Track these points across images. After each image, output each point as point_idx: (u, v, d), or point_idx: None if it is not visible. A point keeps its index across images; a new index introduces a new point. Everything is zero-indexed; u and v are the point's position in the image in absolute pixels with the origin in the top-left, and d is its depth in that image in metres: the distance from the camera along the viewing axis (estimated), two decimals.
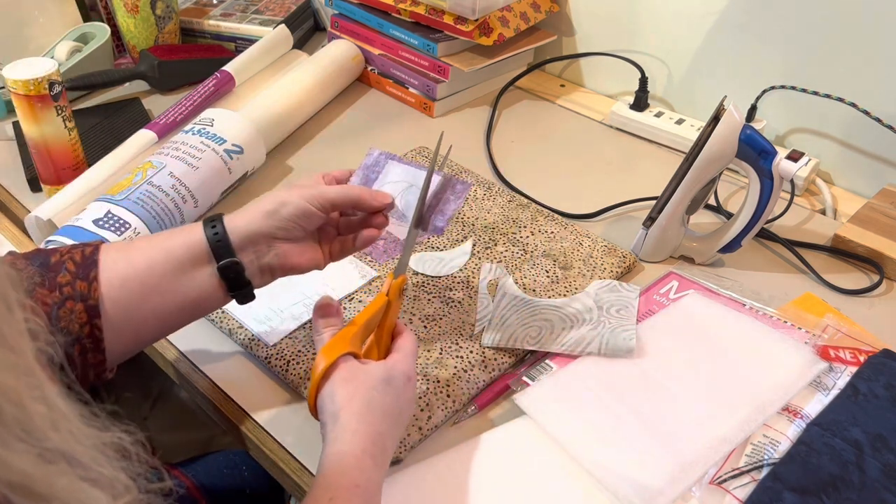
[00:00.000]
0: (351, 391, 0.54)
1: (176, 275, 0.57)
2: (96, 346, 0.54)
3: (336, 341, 0.56)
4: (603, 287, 0.77)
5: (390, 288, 0.60)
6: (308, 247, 0.62)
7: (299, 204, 0.59)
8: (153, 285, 0.56)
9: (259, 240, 0.59)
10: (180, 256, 0.57)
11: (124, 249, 0.57)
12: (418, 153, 0.97)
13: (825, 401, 0.66)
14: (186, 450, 1.20)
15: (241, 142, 0.88)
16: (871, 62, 0.91)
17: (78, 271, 0.54)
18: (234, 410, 0.67)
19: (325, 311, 0.59)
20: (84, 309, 0.53)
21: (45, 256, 0.55)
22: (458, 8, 1.02)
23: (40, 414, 0.32)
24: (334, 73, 1.09)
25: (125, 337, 0.56)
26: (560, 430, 0.63)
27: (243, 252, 0.59)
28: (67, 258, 0.55)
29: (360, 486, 0.50)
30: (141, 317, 0.57)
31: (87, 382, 0.56)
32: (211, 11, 1.24)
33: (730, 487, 0.59)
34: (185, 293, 0.58)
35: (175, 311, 0.59)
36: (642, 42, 1.11)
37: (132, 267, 0.56)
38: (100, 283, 0.54)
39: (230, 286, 0.59)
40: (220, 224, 0.58)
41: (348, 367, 0.55)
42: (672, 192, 0.78)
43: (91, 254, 0.55)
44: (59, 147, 0.84)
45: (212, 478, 0.82)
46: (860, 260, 0.84)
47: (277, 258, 0.60)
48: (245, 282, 0.60)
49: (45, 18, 1.11)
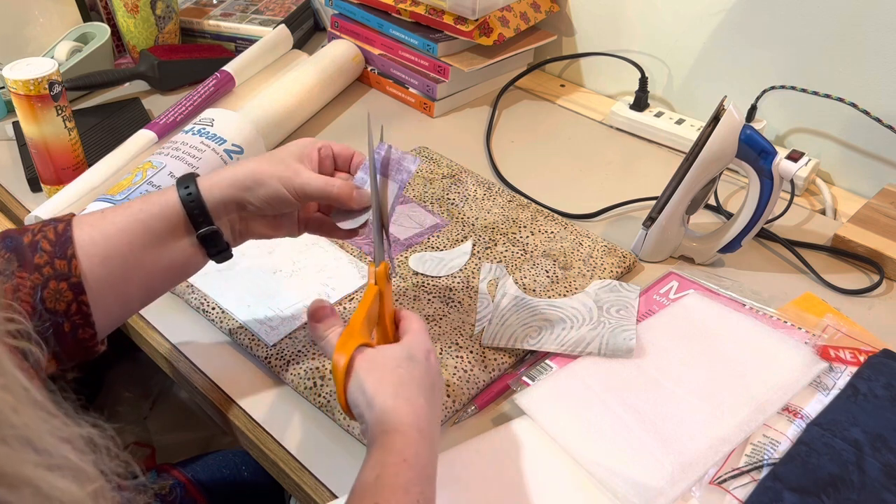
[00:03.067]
0: (378, 376, 0.52)
1: (156, 246, 0.57)
2: (85, 322, 0.54)
3: (346, 337, 0.55)
4: (603, 287, 0.77)
5: (376, 276, 0.58)
6: (282, 218, 0.62)
7: (275, 189, 0.58)
8: (135, 259, 0.56)
9: (232, 208, 0.59)
10: (158, 228, 0.57)
11: (99, 224, 0.56)
12: (418, 153, 0.97)
13: (825, 401, 0.66)
14: (186, 450, 1.20)
15: (241, 142, 0.88)
16: (871, 62, 0.91)
17: (55, 250, 0.53)
18: (233, 410, 0.67)
19: (321, 314, 0.57)
20: (68, 287, 0.53)
21: (16, 238, 0.54)
22: (458, 8, 1.02)
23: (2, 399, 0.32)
24: (334, 73, 1.09)
25: (112, 308, 0.56)
26: (560, 430, 0.63)
27: (218, 218, 0.59)
28: (41, 237, 0.54)
29: (408, 460, 0.48)
30: (126, 289, 0.57)
31: (79, 357, 0.56)
32: (211, 11, 1.24)
33: (730, 487, 0.59)
34: (166, 262, 0.58)
35: (158, 280, 0.59)
36: (642, 42, 1.11)
37: (111, 244, 0.55)
38: (79, 260, 0.54)
39: (209, 251, 0.60)
40: (193, 186, 0.57)
41: (367, 357, 0.53)
42: (672, 192, 0.78)
43: (64, 230, 0.54)
44: (59, 147, 0.84)
45: (211, 477, 0.82)
46: (860, 260, 0.84)
47: (248, 226, 0.61)
48: (223, 245, 0.60)
49: (45, 18, 1.11)
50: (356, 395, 0.52)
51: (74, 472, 0.33)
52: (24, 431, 0.32)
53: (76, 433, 0.35)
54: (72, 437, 0.34)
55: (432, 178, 0.93)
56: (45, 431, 0.33)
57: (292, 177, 0.58)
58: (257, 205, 0.59)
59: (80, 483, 0.33)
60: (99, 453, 0.36)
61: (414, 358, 0.54)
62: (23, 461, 0.31)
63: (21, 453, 0.31)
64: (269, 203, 0.59)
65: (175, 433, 1.24)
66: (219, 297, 0.74)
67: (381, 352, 0.54)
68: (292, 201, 0.59)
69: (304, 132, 1.04)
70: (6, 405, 0.32)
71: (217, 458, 0.85)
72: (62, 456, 0.33)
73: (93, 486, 0.34)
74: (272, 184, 0.58)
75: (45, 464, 0.32)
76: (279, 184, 0.58)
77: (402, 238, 0.83)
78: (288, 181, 0.58)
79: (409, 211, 0.87)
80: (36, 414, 0.33)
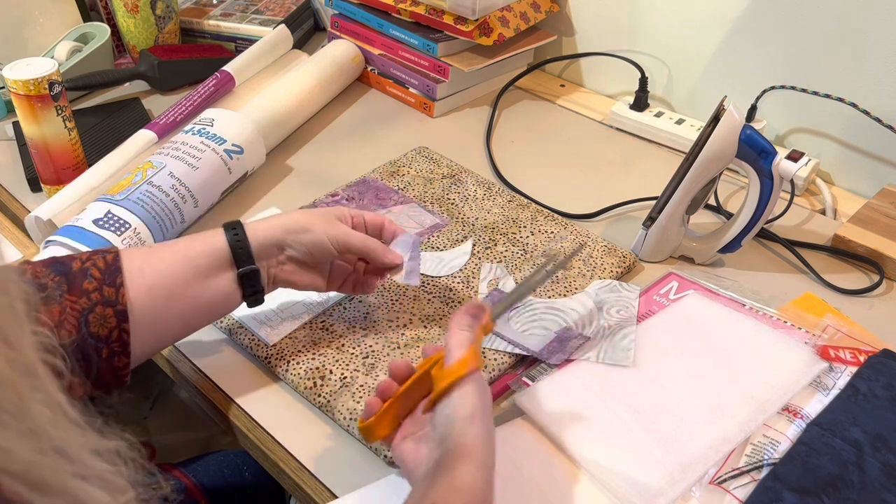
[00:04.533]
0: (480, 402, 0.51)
1: (199, 280, 0.60)
2: (123, 350, 0.57)
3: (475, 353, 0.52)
4: (603, 287, 0.77)
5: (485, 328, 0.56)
6: (314, 270, 0.67)
7: (320, 238, 0.63)
8: (178, 292, 0.59)
9: (273, 251, 0.63)
10: (203, 264, 0.60)
11: (147, 258, 0.59)
12: (418, 153, 0.97)
13: (825, 401, 0.66)
14: (186, 450, 1.21)
15: (241, 142, 0.88)
16: (871, 62, 0.91)
17: (104, 278, 0.56)
18: (234, 410, 0.67)
19: (477, 311, 0.56)
20: (113, 314, 0.55)
21: (66, 264, 0.57)
22: (458, 8, 1.02)
23: (40, 412, 0.33)
24: (334, 73, 1.09)
25: (149, 340, 0.59)
26: (560, 430, 0.63)
27: (259, 260, 0.62)
28: (90, 265, 0.56)
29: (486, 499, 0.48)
30: (165, 321, 0.60)
31: (108, 385, 0.58)
32: (211, 11, 1.24)
33: (730, 487, 0.59)
34: (206, 298, 0.61)
35: (195, 315, 0.62)
36: (642, 42, 1.11)
37: (158, 275, 0.58)
38: (127, 289, 0.56)
39: (245, 290, 0.63)
40: (241, 230, 0.62)
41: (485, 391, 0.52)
42: (672, 192, 0.78)
43: (113, 261, 0.57)
44: (59, 147, 0.84)
45: (212, 478, 0.82)
46: (860, 260, 0.84)
47: (283, 271, 0.65)
48: (260, 287, 0.63)
49: (45, 18, 1.11)
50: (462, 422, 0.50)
51: (107, 484, 0.35)
52: (61, 443, 0.33)
53: (106, 446, 0.36)
54: (103, 450, 0.36)
55: (432, 178, 0.93)
56: (80, 445, 0.34)
57: (337, 231, 0.64)
58: (299, 250, 0.64)
59: (113, 494, 0.35)
60: (126, 465, 0.37)
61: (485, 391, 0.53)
62: (61, 471, 0.32)
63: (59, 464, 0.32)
64: (310, 249, 0.64)
65: (175, 433, 1.24)
66: None
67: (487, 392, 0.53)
68: (332, 251, 0.64)
69: (304, 132, 1.04)
70: (45, 419, 0.33)
71: (217, 458, 0.85)
72: (96, 467, 0.34)
73: (125, 498, 0.35)
74: (316, 231, 0.63)
75: (80, 474, 0.33)
76: (324, 234, 0.63)
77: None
78: (332, 234, 0.64)
79: (409, 211, 0.87)
80: (71, 427, 0.35)
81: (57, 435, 0.33)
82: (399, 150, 0.98)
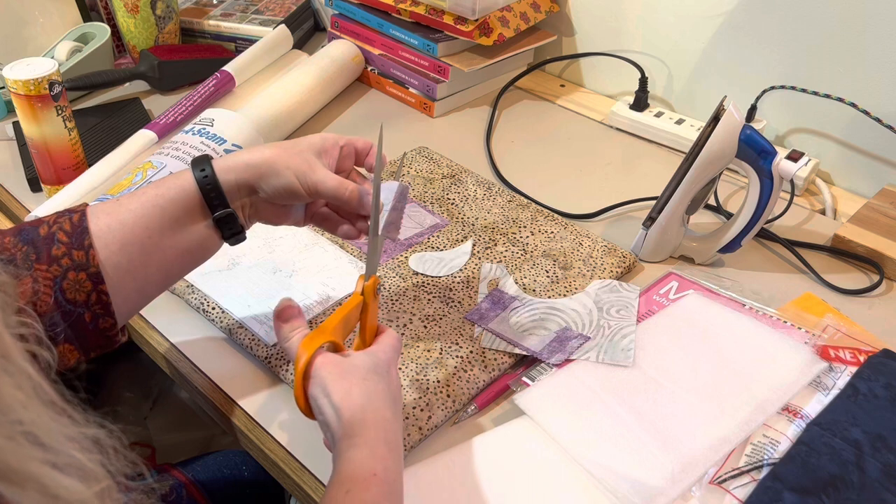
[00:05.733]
0: (346, 385, 0.52)
1: (173, 230, 0.57)
2: (105, 311, 0.55)
3: (313, 336, 0.54)
4: (603, 287, 0.77)
5: (364, 289, 0.58)
6: (289, 209, 0.63)
7: (289, 180, 0.58)
8: (152, 245, 0.56)
9: (245, 192, 0.59)
10: (174, 212, 0.57)
11: (114, 212, 0.56)
12: (418, 153, 0.97)
13: (825, 401, 0.66)
14: (186, 450, 1.21)
15: (241, 142, 0.88)
16: (871, 62, 0.91)
17: (71, 241, 0.53)
18: (234, 410, 0.67)
19: (287, 314, 0.57)
20: (87, 277, 0.53)
21: (32, 230, 0.54)
22: (458, 8, 1.02)
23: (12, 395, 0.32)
24: (334, 73, 1.09)
25: (131, 296, 0.57)
26: (560, 430, 0.63)
27: (232, 200, 0.59)
28: (57, 228, 0.54)
29: (378, 474, 0.49)
30: (144, 275, 0.57)
31: (100, 347, 0.56)
32: (211, 11, 1.24)
33: (730, 487, 0.59)
34: (184, 246, 0.58)
35: (175, 264, 0.59)
36: (642, 42, 1.11)
37: (128, 230, 0.55)
38: (96, 249, 0.54)
39: (224, 233, 0.60)
40: (209, 167, 0.57)
41: (333, 362, 0.53)
42: (672, 192, 0.78)
43: (79, 221, 0.54)
44: (59, 147, 0.84)
45: (212, 477, 0.82)
46: (860, 260, 0.84)
47: (258, 210, 0.61)
48: (238, 228, 0.60)
49: (45, 18, 1.11)
50: (321, 402, 0.52)
51: (81, 472, 0.33)
52: (32, 428, 0.32)
53: (83, 433, 0.35)
54: (79, 436, 0.35)
55: (432, 178, 0.93)
56: (54, 430, 0.33)
57: (307, 172, 0.59)
58: (269, 193, 0.59)
59: (87, 482, 0.33)
60: (106, 454, 0.36)
61: (377, 369, 0.54)
62: (29, 458, 0.31)
63: (28, 450, 0.31)
64: (280, 194, 0.59)
65: (175, 433, 1.24)
66: (219, 297, 0.74)
67: (348, 360, 0.54)
68: (303, 196, 0.59)
69: (304, 132, 1.04)
70: (16, 401, 0.32)
71: (217, 458, 0.85)
72: (69, 455, 0.33)
73: (99, 486, 0.34)
74: (286, 175, 0.58)
75: (51, 461, 0.32)
76: (293, 176, 0.58)
77: (402, 238, 0.83)
78: (302, 175, 0.58)
79: (409, 211, 0.87)
80: (45, 412, 0.34)
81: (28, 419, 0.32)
82: (399, 150, 0.98)
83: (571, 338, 0.71)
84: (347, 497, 0.47)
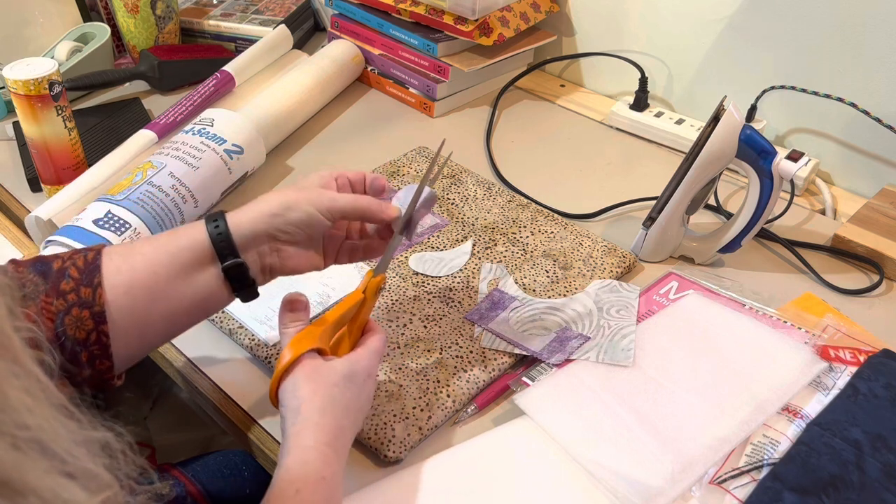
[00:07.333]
0: (314, 387, 0.55)
1: (181, 278, 0.56)
2: (104, 353, 0.54)
3: (303, 336, 0.57)
4: (603, 287, 0.77)
5: (367, 286, 0.59)
6: (310, 249, 0.62)
7: (307, 211, 0.58)
8: (159, 291, 0.56)
9: (262, 240, 0.58)
10: (184, 259, 0.56)
11: (127, 254, 0.56)
12: (418, 153, 0.97)
13: (825, 401, 0.66)
14: (186, 450, 1.20)
15: (241, 142, 0.88)
16: (871, 62, 0.91)
17: (81, 278, 0.53)
18: (234, 410, 0.67)
19: (293, 305, 0.60)
20: (90, 315, 0.53)
21: (46, 264, 0.54)
22: (458, 8, 1.02)
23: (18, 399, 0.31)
24: (334, 74, 1.09)
25: (132, 342, 0.56)
26: (560, 430, 0.63)
27: (246, 251, 0.58)
28: (70, 264, 0.54)
29: (326, 478, 0.52)
30: (148, 322, 0.56)
31: (93, 389, 0.56)
32: (211, 11, 1.24)
33: (730, 487, 0.59)
34: (190, 296, 0.57)
35: (181, 314, 0.58)
36: (642, 42, 1.11)
37: (136, 273, 0.55)
38: (104, 289, 0.53)
39: (234, 286, 0.59)
40: (222, 222, 0.57)
41: (312, 365, 0.56)
42: (672, 192, 0.78)
43: (93, 259, 0.55)
44: (59, 147, 0.84)
45: (212, 478, 0.82)
46: (860, 260, 0.84)
47: (279, 259, 0.60)
48: (249, 281, 0.59)
49: (45, 18, 1.11)
50: (287, 395, 0.55)
51: (87, 478, 0.33)
52: (38, 434, 0.32)
53: (92, 437, 0.35)
54: (87, 441, 0.34)
55: (432, 178, 0.93)
56: (62, 434, 0.33)
57: (320, 197, 0.59)
58: (289, 230, 0.59)
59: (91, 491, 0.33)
60: (115, 458, 0.35)
61: (353, 378, 0.57)
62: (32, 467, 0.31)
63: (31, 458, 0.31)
64: (301, 226, 0.59)
65: (175, 433, 1.24)
66: None
67: (327, 365, 0.56)
68: (324, 221, 0.59)
69: (304, 132, 1.04)
70: (23, 406, 0.31)
71: (217, 458, 0.85)
72: (76, 460, 0.33)
73: (104, 494, 0.34)
74: (303, 206, 0.58)
75: (55, 469, 0.32)
76: (310, 206, 0.59)
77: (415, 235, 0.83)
78: (318, 202, 0.59)
79: None
80: (52, 416, 0.33)
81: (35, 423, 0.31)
82: (399, 150, 0.98)
83: (571, 338, 0.71)
84: (297, 496, 0.50)
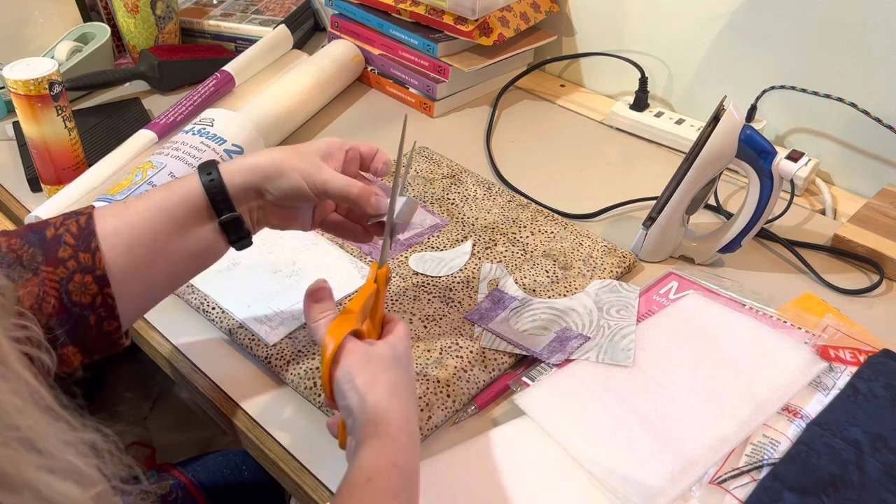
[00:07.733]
0: (371, 374, 0.52)
1: (179, 234, 0.57)
2: (110, 314, 0.55)
3: (339, 322, 0.54)
4: (603, 287, 0.77)
5: (377, 276, 0.58)
6: (297, 210, 0.62)
7: (296, 181, 0.58)
8: (159, 248, 0.56)
9: (252, 195, 0.59)
10: (181, 215, 0.57)
11: (122, 215, 0.56)
12: (418, 153, 0.97)
13: (825, 401, 0.66)
14: (186, 450, 1.21)
15: (241, 142, 0.88)
16: (871, 62, 0.91)
17: (78, 244, 0.53)
18: (234, 410, 0.67)
19: (318, 295, 0.57)
20: (93, 280, 0.53)
21: (39, 232, 0.54)
22: (458, 8, 1.02)
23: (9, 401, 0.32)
24: (334, 74, 1.09)
25: (136, 299, 0.57)
26: (560, 430, 0.63)
27: (239, 205, 0.58)
28: (64, 230, 0.54)
29: (398, 465, 0.49)
30: (150, 279, 0.57)
31: (104, 350, 0.56)
32: (211, 11, 1.24)
33: (730, 487, 0.59)
34: (190, 250, 0.58)
35: (181, 268, 0.59)
36: (642, 42, 1.11)
37: (135, 233, 0.55)
38: (103, 252, 0.54)
39: (230, 237, 0.59)
40: (216, 172, 0.57)
41: (360, 350, 0.53)
42: (672, 192, 0.78)
43: (87, 223, 0.54)
44: (59, 147, 0.84)
45: (212, 477, 0.82)
46: (860, 260, 0.84)
47: (266, 214, 0.61)
48: (244, 232, 0.60)
49: (45, 18, 1.11)
50: (345, 387, 0.52)
51: (77, 476, 0.33)
52: (28, 434, 0.32)
53: (80, 437, 0.35)
54: (75, 441, 0.35)
55: (432, 178, 0.93)
56: (50, 435, 0.33)
57: (314, 172, 0.58)
58: (276, 195, 0.59)
59: (83, 487, 0.33)
60: (102, 458, 0.36)
61: (399, 360, 0.55)
62: (25, 463, 0.31)
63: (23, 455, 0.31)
64: (288, 195, 0.59)
65: (175, 433, 1.24)
66: (219, 297, 0.74)
67: (373, 349, 0.54)
68: (311, 196, 0.59)
69: (304, 132, 1.04)
70: (12, 407, 0.32)
71: (217, 458, 0.85)
72: (65, 459, 0.33)
73: (95, 490, 0.34)
74: (293, 176, 0.58)
75: (47, 467, 0.32)
76: (300, 177, 0.58)
77: (402, 238, 0.83)
78: (309, 176, 0.58)
79: None
80: (41, 417, 0.34)
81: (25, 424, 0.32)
82: None
83: (571, 338, 0.71)
84: (369, 485, 0.48)
